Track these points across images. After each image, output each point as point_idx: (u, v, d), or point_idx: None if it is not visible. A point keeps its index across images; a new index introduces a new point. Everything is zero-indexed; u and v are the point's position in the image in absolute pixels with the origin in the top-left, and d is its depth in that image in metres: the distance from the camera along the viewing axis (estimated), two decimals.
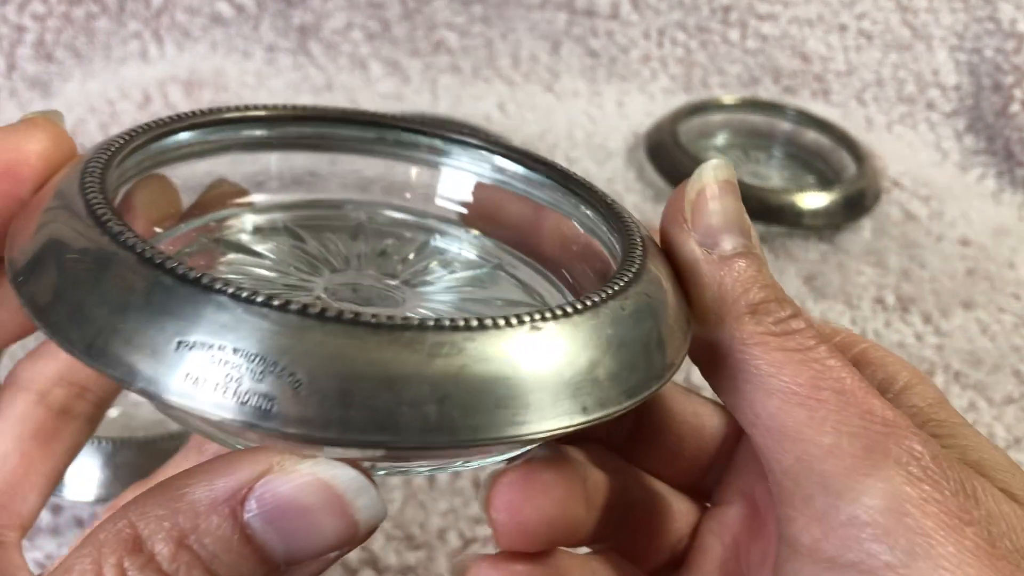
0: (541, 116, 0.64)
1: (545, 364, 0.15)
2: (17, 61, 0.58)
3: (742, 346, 0.19)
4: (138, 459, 0.33)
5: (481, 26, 0.67)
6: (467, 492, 0.36)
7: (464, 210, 0.26)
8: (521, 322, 0.16)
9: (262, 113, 0.24)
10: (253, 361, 0.14)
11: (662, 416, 0.24)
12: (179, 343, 0.15)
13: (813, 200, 0.54)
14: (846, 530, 0.17)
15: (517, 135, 0.61)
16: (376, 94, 0.64)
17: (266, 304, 0.15)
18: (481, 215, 0.25)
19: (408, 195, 0.26)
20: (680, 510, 0.23)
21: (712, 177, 0.20)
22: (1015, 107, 0.66)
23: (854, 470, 0.17)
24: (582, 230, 0.23)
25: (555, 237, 0.24)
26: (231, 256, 0.23)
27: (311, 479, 0.16)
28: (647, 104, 0.67)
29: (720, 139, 0.65)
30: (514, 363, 0.15)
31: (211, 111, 0.23)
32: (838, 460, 0.17)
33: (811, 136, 0.63)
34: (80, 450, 0.23)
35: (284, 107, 0.24)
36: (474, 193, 0.26)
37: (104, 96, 0.57)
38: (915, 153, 0.67)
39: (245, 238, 0.24)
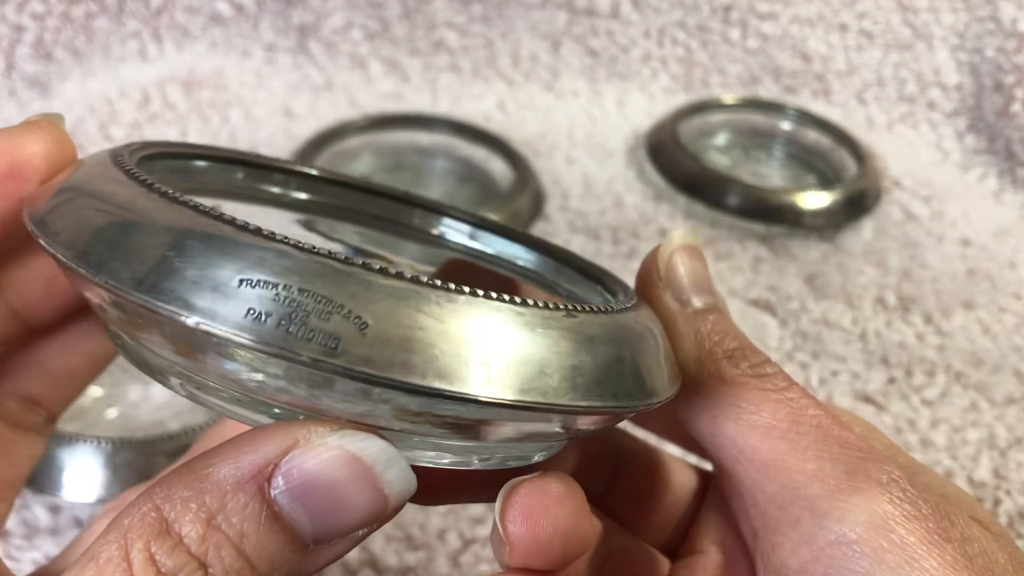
0: (541, 116, 0.64)
1: (580, 346, 0.17)
2: (16, 60, 0.58)
3: (723, 387, 0.20)
4: (138, 459, 0.33)
5: (481, 25, 0.67)
6: None
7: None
8: (558, 308, 0.17)
9: (258, 160, 0.26)
10: (320, 302, 0.15)
11: (638, 471, 0.25)
12: (241, 280, 0.15)
13: (814, 200, 0.54)
14: (835, 549, 0.18)
15: (517, 135, 0.61)
16: (376, 93, 0.64)
17: (330, 256, 0.15)
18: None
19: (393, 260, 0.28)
20: (653, 561, 0.25)
21: (680, 243, 0.22)
22: (1016, 107, 0.66)
23: (838, 491, 0.18)
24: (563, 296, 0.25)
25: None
26: None
27: (338, 452, 0.16)
28: (647, 104, 0.67)
29: (720, 139, 0.65)
30: (555, 340, 0.16)
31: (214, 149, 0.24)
32: (822, 483, 0.19)
33: (812, 136, 0.63)
34: (36, 461, 0.23)
35: (282, 164, 0.26)
36: (451, 266, 0.27)
37: (103, 95, 0.57)
38: (916, 153, 0.67)
39: None
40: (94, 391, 0.39)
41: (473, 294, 0.16)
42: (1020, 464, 0.40)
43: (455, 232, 0.28)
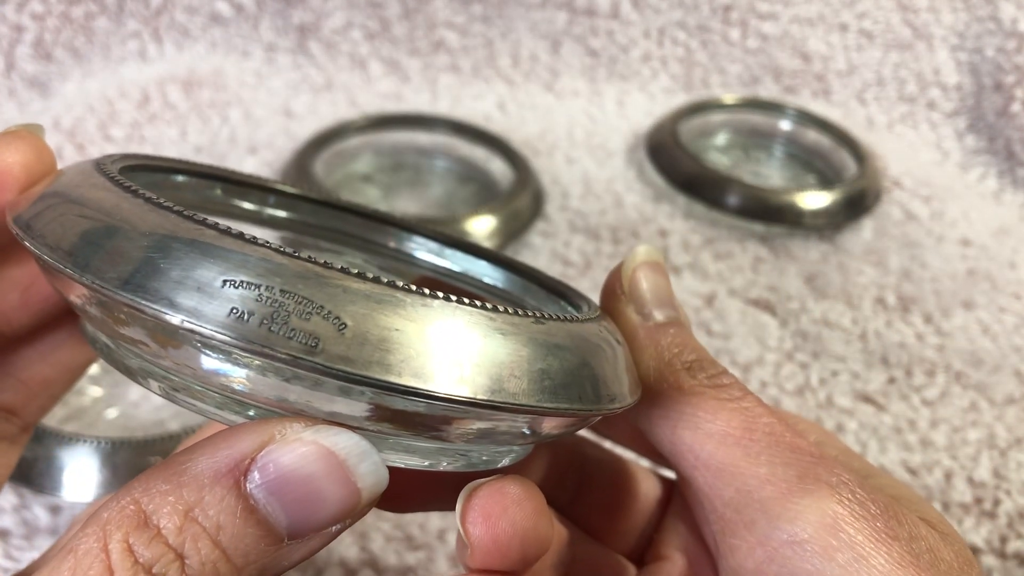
0: (541, 116, 0.64)
1: (548, 351, 0.17)
2: (16, 60, 0.59)
3: (681, 397, 0.21)
4: (136, 459, 0.33)
5: (481, 25, 0.67)
6: None
7: None
8: (527, 315, 0.18)
9: (238, 177, 0.26)
10: (300, 303, 0.15)
11: (604, 480, 0.26)
12: (225, 281, 0.15)
13: (814, 200, 0.54)
14: (788, 549, 0.19)
15: (517, 135, 0.61)
16: (376, 93, 0.64)
17: (310, 260, 0.16)
18: None
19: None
20: (620, 567, 0.25)
21: (644, 259, 0.23)
22: (1016, 107, 0.66)
23: (790, 493, 0.19)
24: None
25: None
26: None
27: (313, 447, 0.16)
28: (647, 104, 0.67)
29: (720, 139, 0.65)
30: (524, 344, 0.17)
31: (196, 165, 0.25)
32: (774, 487, 0.20)
33: (812, 136, 0.64)
34: (11, 470, 0.24)
35: (264, 183, 0.27)
36: (419, 283, 0.28)
37: (103, 95, 0.57)
38: (916, 153, 0.67)
39: None
40: (94, 391, 0.39)
41: (447, 299, 0.16)
42: (1020, 464, 0.40)
43: (424, 250, 0.29)
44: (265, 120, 0.59)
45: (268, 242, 0.16)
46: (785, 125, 0.64)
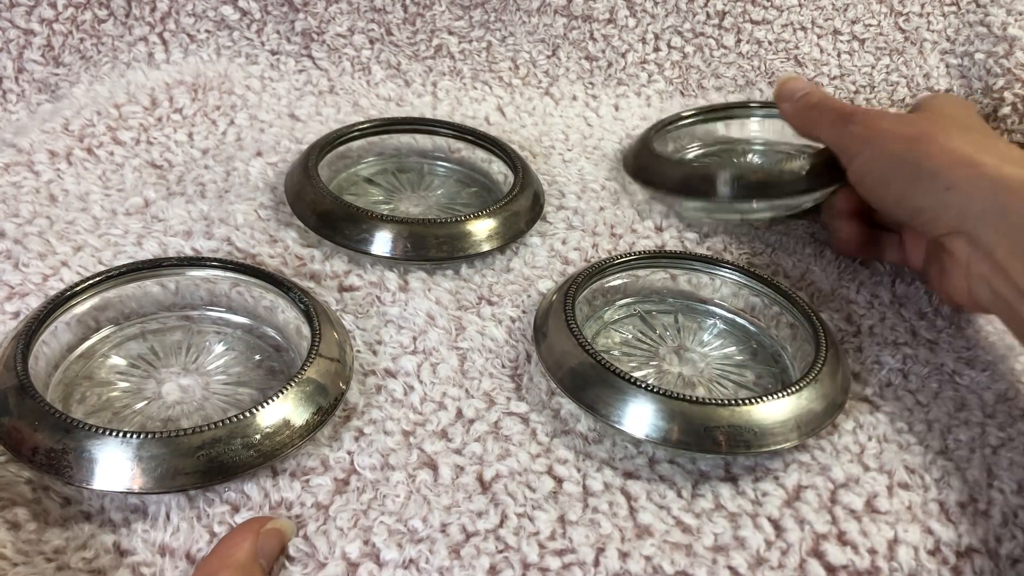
0: (539, 119, 0.65)
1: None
2: (25, 64, 0.59)
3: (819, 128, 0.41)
4: (163, 452, 0.33)
5: (481, 31, 0.67)
6: (470, 487, 0.37)
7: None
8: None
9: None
10: None
11: None
12: None
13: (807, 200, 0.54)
14: None
15: (516, 137, 0.62)
16: (378, 97, 0.65)
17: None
18: None
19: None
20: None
21: (781, 80, 0.41)
22: (1005, 109, 0.67)
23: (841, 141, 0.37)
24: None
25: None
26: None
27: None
28: (643, 108, 0.68)
29: (710, 143, 0.65)
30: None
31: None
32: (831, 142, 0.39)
33: (803, 139, 0.64)
34: None
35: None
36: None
37: (111, 99, 0.58)
38: None
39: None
40: (121, 385, 0.39)
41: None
42: (1012, 462, 0.40)
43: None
44: (270, 123, 0.60)
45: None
46: (776, 127, 0.65)
